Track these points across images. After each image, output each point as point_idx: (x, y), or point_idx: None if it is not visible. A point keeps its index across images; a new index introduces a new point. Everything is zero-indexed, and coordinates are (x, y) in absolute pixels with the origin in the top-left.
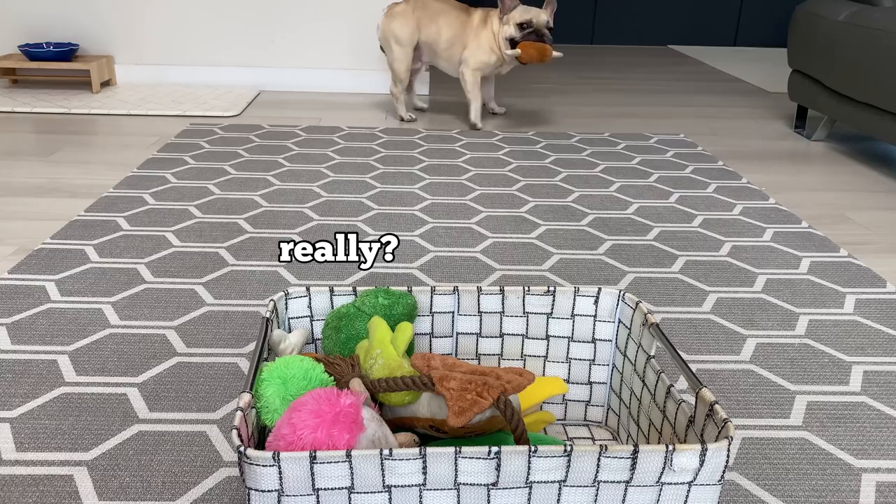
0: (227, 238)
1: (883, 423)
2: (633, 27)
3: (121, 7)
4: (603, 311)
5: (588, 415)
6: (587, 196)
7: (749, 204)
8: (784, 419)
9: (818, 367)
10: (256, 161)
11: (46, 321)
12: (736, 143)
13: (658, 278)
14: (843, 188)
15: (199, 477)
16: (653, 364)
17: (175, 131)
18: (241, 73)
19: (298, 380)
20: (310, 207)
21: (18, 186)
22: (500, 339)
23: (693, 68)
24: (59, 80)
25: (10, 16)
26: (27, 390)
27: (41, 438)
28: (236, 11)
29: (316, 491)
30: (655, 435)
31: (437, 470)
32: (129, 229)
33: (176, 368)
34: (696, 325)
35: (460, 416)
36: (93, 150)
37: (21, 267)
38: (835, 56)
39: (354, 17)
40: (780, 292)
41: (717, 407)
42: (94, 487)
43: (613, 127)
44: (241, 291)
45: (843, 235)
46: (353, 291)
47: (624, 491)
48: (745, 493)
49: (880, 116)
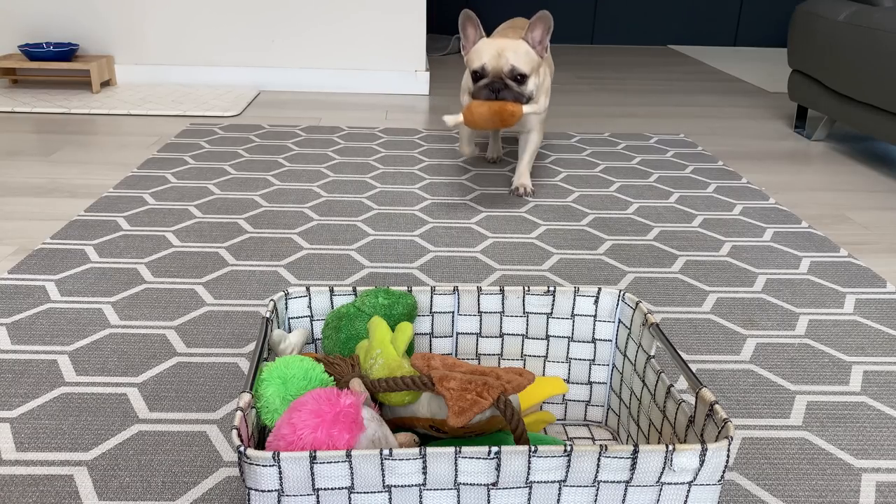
0: (227, 238)
1: (883, 423)
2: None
3: (121, 7)
4: (603, 311)
5: (588, 415)
6: (587, 196)
7: (749, 204)
8: (784, 419)
9: (818, 367)
10: (256, 161)
11: (46, 321)
12: (736, 143)
13: (658, 278)
14: (843, 188)
15: (199, 477)
16: (653, 364)
17: (175, 131)
18: (241, 73)
19: (298, 380)
20: (310, 207)
21: (18, 186)
22: (500, 339)
23: (693, 68)
24: (59, 80)
25: (10, 16)
26: (27, 390)
27: (41, 438)
28: (236, 11)
29: (316, 491)
30: (655, 435)
31: (437, 470)
32: (129, 229)
33: (176, 368)
34: (696, 325)
35: (460, 417)
36: (93, 150)
37: (21, 267)
38: (835, 56)
39: (354, 17)
40: (780, 292)
41: (717, 407)
42: (94, 487)
43: (613, 127)
44: (240, 291)
45: (843, 235)
46: (353, 291)
47: (624, 491)
48: (745, 493)
49: (880, 116)
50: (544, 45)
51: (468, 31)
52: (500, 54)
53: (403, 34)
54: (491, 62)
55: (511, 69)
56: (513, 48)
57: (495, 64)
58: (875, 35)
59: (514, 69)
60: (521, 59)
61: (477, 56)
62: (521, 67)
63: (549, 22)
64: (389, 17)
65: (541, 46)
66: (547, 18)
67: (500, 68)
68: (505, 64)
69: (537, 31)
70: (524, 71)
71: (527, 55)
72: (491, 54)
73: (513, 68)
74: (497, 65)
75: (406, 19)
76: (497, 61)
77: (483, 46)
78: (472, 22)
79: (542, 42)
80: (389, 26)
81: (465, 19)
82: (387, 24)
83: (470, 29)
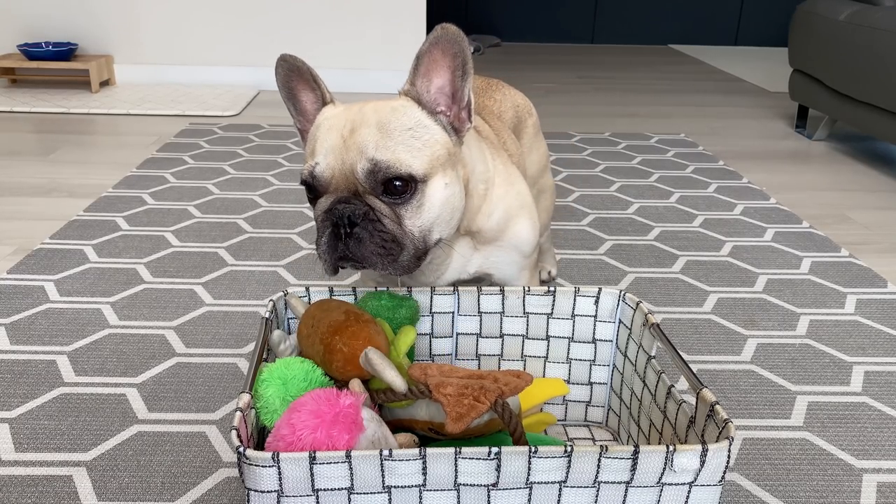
0: (227, 238)
1: (884, 423)
2: (633, 27)
3: (120, 7)
4: (603, 312)
5: (588, 415)
6: (587, 196)
7: (750, 204)
8: (785, 419)
9: (819, 367)
10: (256, 161)
11: (45, 321)
12: (737, 142)
13: (659, 278)
14: (843, 188)
15: (198, 477)
16: (653, 364)
17: (174, 131)
18: (241, 73)
19: (299, 381)
20: (309, 207)
21: (17, 186)
22: (500, 340)
23: (694, 68)
24: (58, 80)
25: (9, 15)
26: (26, 390)
27: (40, 439)
28: (236, 11)
29: (315, 491)
30: (656, 435)
31: (437, 470)
32: (129, 229)
33: (175, 369)
34: (697, 326)
35: (458, 422)
36: (92, 150)
37: (20, 267)
38: (835, 56)
39: (354, 17)
40: (781, 292)
41: (717, 407)
42: (94, 488)
43: (614, 126)
44: (240, 291)
45: (843, 235)
46: (353, 292)
47: (624, 491)
48: (745, 493)
49: (881, 116)
50: (463, 104)
51: (298, 95)
52: (346, 141)
53: (403, 34)
54: (329, 162)
55: (369, 170)
56: (377, 119)
57: (339, 162)
58: (875, 35)
59: (376, 168)
60: (394, 140)
61: (309, 150)
62: (390, 160)
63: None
64: (389, 18)
65: (456, 107)
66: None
67: (350, 170)
68: (356, 160)
69: (441, 74)
70: (399, 168)
71: (412, 132)
72: (332, 143)
73: (374, 167)
74: (343, 164)
75: (406, 19)
76: (343, 155)
77: (325, 124)
78: (300, 77)
79: (456, 94)
80: (389, 26)
81: (288, 73)
82: (387, 25)
83: (301, 91)
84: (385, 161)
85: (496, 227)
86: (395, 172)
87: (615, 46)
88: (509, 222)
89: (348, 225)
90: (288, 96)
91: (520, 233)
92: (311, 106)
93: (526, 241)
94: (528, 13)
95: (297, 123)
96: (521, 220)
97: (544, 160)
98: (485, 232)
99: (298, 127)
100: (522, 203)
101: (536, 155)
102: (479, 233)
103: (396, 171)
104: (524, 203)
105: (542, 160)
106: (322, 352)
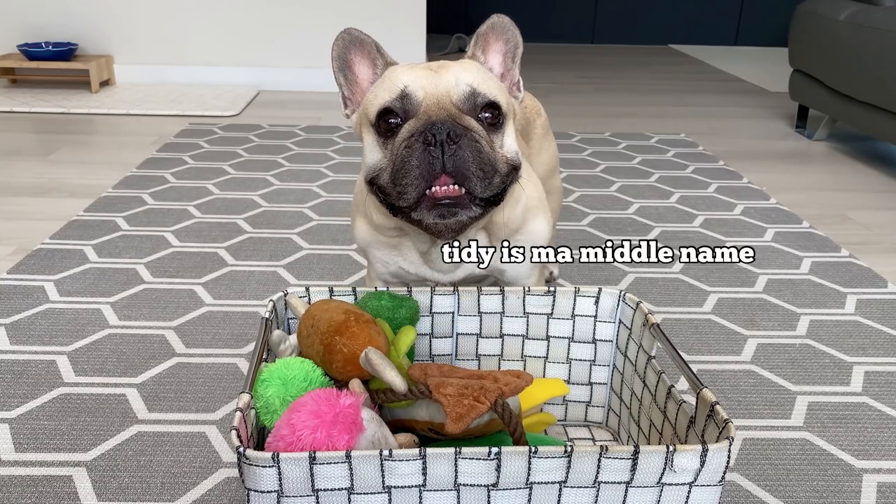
0: (227, 238)
1: (884, 423)
2: (633, 27)
3: (120, 7)
4: (603, 312)
5: (588, 415)
6: (588, 196)
7: (750, 204)
8: (785, 420)
9: (819, 367)
10: (255, 161)
11: (45, 321)
12: (737, 142)
13: (659, 278)
14: (844, 188)
15: (198, 478)
16: (653, 364)
17: (174, 131)
18: (240, 73)
19: (299, 381)
20: (309, 207)
21: (17, 186)
22: (500, 340)
23: (694, 68)
24: (58, 80)
25: (9, 15)
26: (26, 391)
27: (40, 439)
28: (236, 11)
29: (315, 492)
30: (656, 436)
31: (437, 471)
32: (128, 229)
33: (175, 369)
34: (697, 326)
35: (458, 423)
36: (92, 150)
37: (20, 267)
38: (836, 55)
39: (354, 16)
40: (781, 292)
41: (717, 408)
42: (94, 488)
43: (614, 126)
44: (240, 292)
45: (844, 235)
46: (353, 292)
47: (624, 492)
48: (745, 493)
49: (881, 116)
50: (513, 81)
51: (353, 67)
52: (437, 72)
53: (403, 34)
54: (422, 84)
55: (469, 93)
56: (460, 65)
57: (432, 86)
58: (876, 34)
59: (474, 92)
60: (482, 76)
61: (387, 85)
62: (485, 89)
63: (512, 36)
64: (389, 18)
65: (509, 81)
66: (505, 29)
67: (446, 94)
68: (453, 85)
69: (494, 54)
70: (494, 96)
71: (491, 77)
72: (419, 73)
73: (472, 91)
74: (437, 87)
75: (406, 19)
76: (436, 80)
77: (398, 71)
78: (361, 48)
79: (507, 73)
80: (389, 26)
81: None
82: (387, 25)
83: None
84: (483, 87)
85: (519, 217)
86: (493, 98)
87: (615, 46)
88: (527, 215)
89: (450, 140)
90: (340, 67)
91: (537, 228)
92: (365, 75)
93: (542, 237)
94: (528, 13)
95: (345, 91)
96: (539, 214)
97: (553, 161)
98: (511, 221)
99: (346, 94)
100: (540, 197)
101: (545, 156)
102: (499, 225)
103: (493, 97)
104: (541, 198)
105: (550, 161)
106: (322, 352)
